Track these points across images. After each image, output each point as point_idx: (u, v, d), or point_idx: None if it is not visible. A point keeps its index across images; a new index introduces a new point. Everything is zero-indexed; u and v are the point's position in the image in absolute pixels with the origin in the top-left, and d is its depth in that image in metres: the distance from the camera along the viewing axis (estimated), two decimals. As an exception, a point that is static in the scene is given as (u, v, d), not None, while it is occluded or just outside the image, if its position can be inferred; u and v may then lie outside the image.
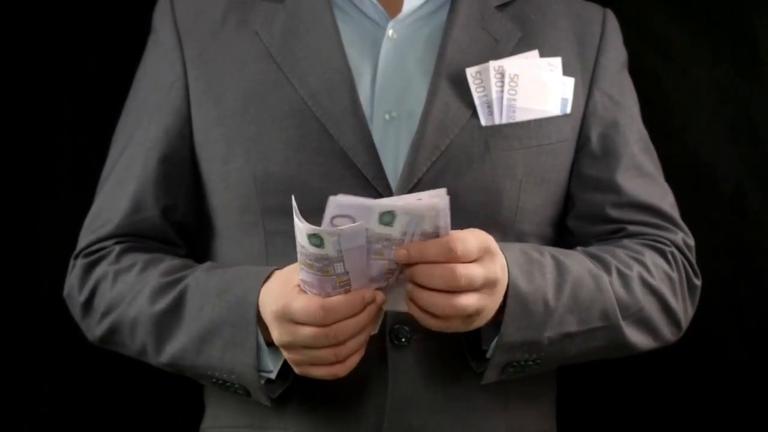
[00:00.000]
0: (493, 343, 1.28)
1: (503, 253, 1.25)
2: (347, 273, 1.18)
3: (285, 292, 1.22)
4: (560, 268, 1.30)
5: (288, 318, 1.21)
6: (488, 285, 1.21)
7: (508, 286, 1.25)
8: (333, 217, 1.15)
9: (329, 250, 1.15)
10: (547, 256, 1.31)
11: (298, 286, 1.21)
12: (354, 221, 1.14)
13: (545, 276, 1.28)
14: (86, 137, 1.83)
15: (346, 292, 1.20)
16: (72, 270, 1.44)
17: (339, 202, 1.14)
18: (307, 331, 1.20)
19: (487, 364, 1.29)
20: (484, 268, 1.20)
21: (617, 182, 1.41)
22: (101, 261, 1.40)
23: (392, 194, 1.31)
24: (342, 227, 1.14)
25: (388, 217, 1.15)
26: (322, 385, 1.31)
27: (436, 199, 1.15)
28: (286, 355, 1.25)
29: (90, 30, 1.85)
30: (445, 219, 1.17)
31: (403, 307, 1.23)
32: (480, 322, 1.24)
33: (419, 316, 1.22)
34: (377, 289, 1.21)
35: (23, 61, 1.83)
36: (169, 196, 1.41)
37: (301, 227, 1.15)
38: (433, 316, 1.21)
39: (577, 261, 1.33)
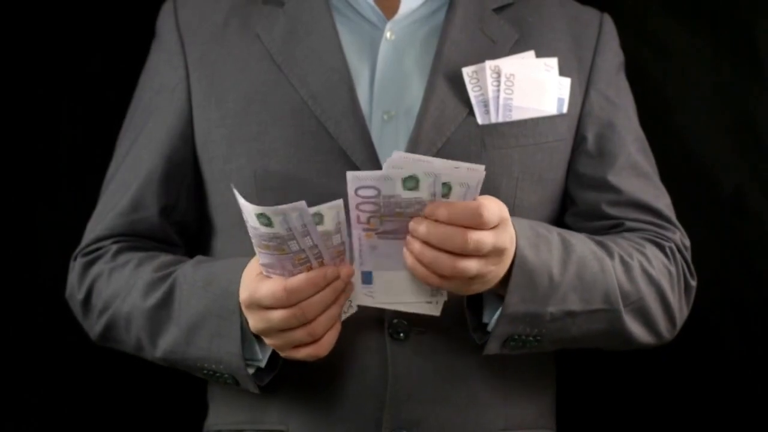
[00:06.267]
0: (497, 315, 1.29)
1: (513, 225, 1.26)
2: (303, 251, 1.19)
3: (250, 281, 1.25)
4: (566, 246, 1.31)
5: (257, 305, 1.24)
6: (495, 253, 1.22)
7: (515, 256, 1.26)
8: (357, 189, 1.17)
9: (278, 228, 1.17)
10: (554, 233, 1.32)
11: (261, 273, 1.24)
12: (379, 192, 1.16)
13: (551, 251, 1.29)
14: (86, 138, 1.84)
15: (308, 269, 1.21)
16: (72, 270, 1.45)
17: (358, 176, 1.16)
18: (277, 315, 1.22)
19: (489, 336, 1.30)
20: (495, 237, 1.21)
21: (614, 181, 1.42)
22: (98, 260, 1.42)
23: None
24: (283, 206, 1.15)
25: (411, 182, 1.16)
26: (322, 381, 1.33)
27: (473, 171, 1.16)
28: (267, 341, 1.27)
29: (91, 32, 1.85)
30: (476, 190, 1.18)
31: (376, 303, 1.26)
32: (481, 286, 1.25)
33: (422, 274, 1.21)
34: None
35: (25, 62, 1.84)
36: (171, 197, 1.43)
37: (249, 208, 1.17)
38: (436, 275, 1.21)
39: (582, 242, 1.34)
